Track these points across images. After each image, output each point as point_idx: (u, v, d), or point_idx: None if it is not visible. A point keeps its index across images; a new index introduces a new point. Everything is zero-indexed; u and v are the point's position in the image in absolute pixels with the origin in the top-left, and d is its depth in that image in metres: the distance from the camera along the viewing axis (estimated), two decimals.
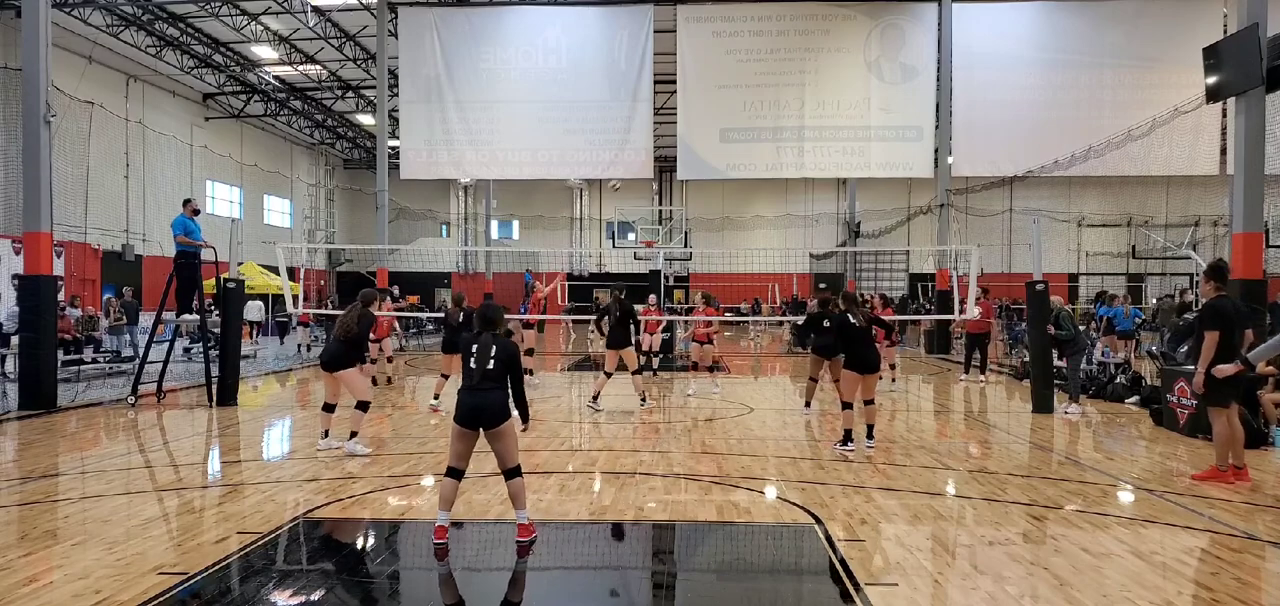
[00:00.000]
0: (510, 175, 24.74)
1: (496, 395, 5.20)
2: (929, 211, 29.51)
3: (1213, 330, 6.87)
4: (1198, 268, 24.85)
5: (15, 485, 6.90)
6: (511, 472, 5.30)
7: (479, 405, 5.16)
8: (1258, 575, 4.92)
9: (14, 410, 11.11)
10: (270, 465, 7.93)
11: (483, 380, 5.19)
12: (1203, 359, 6.89)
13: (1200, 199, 34.09)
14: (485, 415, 5.16)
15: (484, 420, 5.17)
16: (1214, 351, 6.84)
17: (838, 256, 39.04)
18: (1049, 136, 21.62)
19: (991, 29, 21.69)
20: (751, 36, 21.92)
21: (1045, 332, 11.30)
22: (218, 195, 31.62)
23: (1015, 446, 8.98)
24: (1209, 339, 6.87)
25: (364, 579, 4.93)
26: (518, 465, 5.33)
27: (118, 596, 4.30)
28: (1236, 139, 12.12)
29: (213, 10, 22.09)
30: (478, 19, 22.37)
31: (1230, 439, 6.97)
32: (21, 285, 12.45)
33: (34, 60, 11.68)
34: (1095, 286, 31.66)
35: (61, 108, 19.34)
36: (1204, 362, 6.87)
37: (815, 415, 11.00)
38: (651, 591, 4.89)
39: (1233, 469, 7.00)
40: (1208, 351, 6.85)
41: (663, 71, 23.22)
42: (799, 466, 7.72)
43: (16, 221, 16.32)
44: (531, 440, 8.64)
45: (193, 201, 12.54)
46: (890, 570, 4.81)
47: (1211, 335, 6.86)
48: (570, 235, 42.40)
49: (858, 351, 8.34)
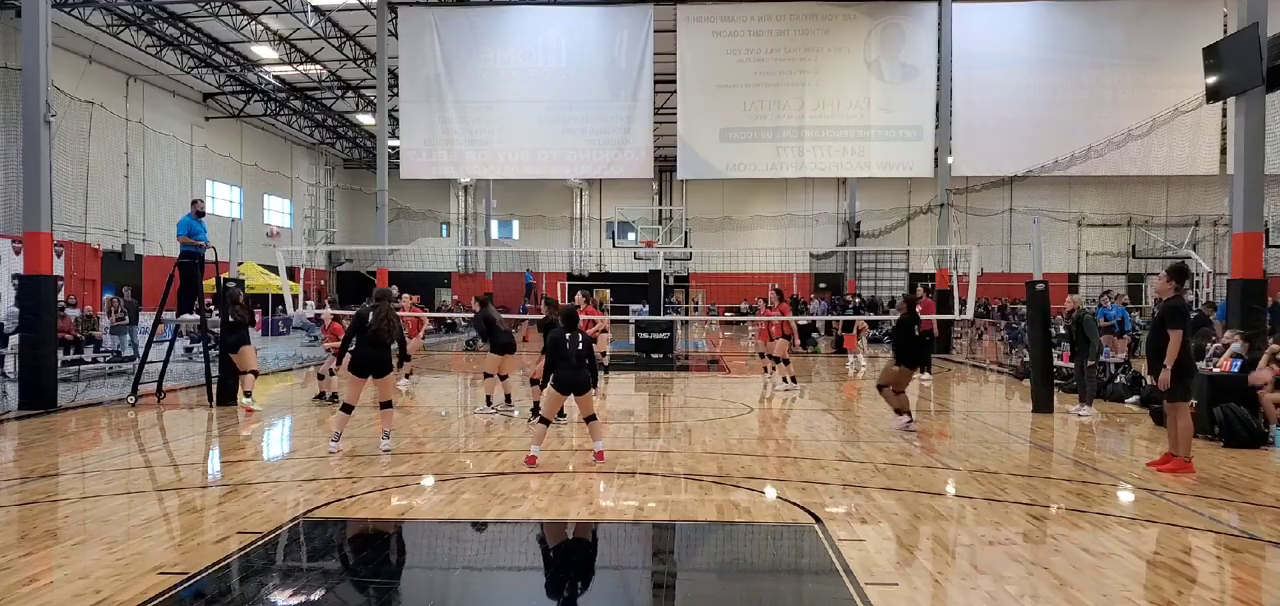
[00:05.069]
0: (510, 175, 24.77)
1: (585, 372, 7.51)
2: (929, 211, 29.51)
3: (1177, 328, 7.17)
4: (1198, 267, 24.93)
5: (15, 485, 6.90)
6: (592, 418, 7.74)
7: (577, 380, 7.44)
8: (1258, 575, 4.92)
9: (14, 410, 11.10)
10: (270, 465, 7.93)
11: (578, 361, 7.43)
12: (1169, 356, 7.19)
13: (1200, 199, 34.08)
14: (579, 385, 7.46)
15: (579, 388, 7.45)
16: (1179, 349, 7.14)
17: (838, 256, 39.02)
18: (1049, 136, 21.63)
19: (991, 29, 21.69)
20: (751, 36, 21.93)
21: (1046, 332, 11.28)
22: (218, 195, 31.61)
23: (1015, 446, 8.97)
24: (1174, 337, 7.16)
25: (364, 579, 4.93)
26: (594, 413, 7.76)
27: (118, 596, 4.30)
28: (1236, 139, 12.13)
29: (213, 10, 22.09)
30: (478, 19, 22.37)
31: (1190, 431, 7.49)
32: (21, 285, 12.45)
33: (34, 60, 11.68)
34: (1095, 286, 31.66)
35: (61, 108, 19.36)
36: (1171, 360, 7.17)
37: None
38: (651, 591, 4.89)
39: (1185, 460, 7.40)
40: (1173, 349, 7.16)
41: (663, 71, 23.22)
42: (799, 466, 7.72)
43: (16, 221, 16.34)
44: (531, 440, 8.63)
45: (200, 202, 12.57)
46: (890, 570, 4.81)
47: (1176, 333, 7.16)
48: (570, 235, 42.38)
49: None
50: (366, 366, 8.00)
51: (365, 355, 7.99)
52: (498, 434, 9.46)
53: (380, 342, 8.01)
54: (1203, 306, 16.68)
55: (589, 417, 7.75)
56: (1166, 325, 7.24)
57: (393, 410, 8.33)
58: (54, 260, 12.96)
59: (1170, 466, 7.39)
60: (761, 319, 15.78)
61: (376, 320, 8.01)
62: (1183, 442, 7.37)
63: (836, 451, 8.46)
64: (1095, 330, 11.34)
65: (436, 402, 12.54)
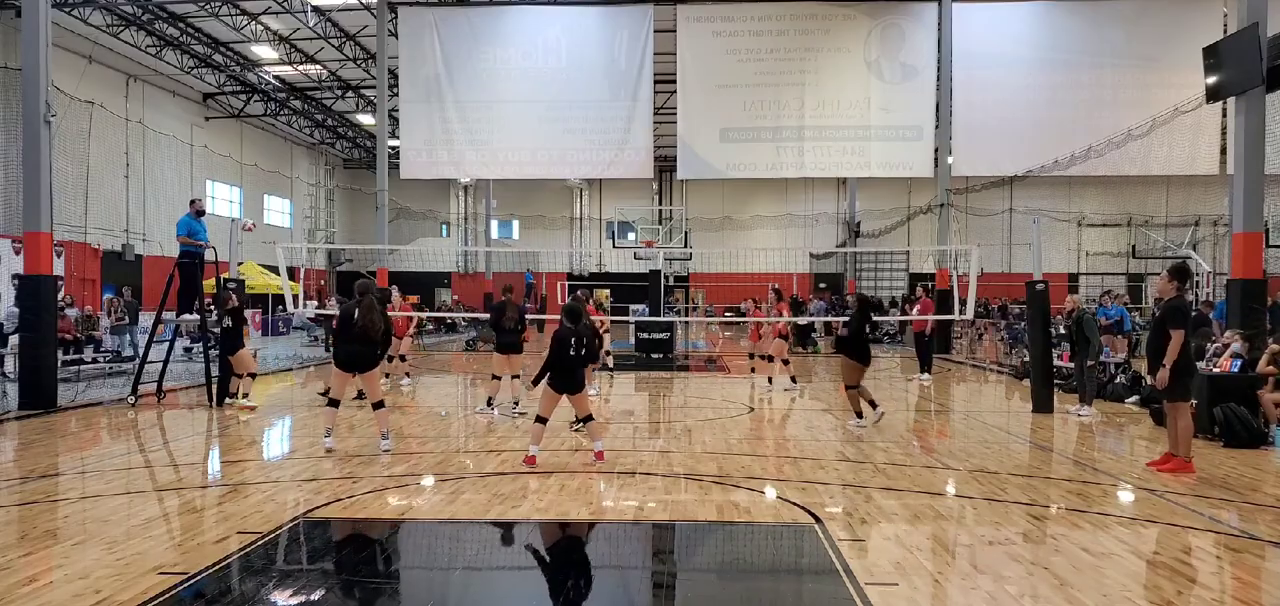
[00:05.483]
0: (510, 175, 24.76)
1: (582, 374, 7.56)
2: (929, 211, 29.50)
3: (1178, 328, 7.16)
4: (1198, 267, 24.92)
5: (15, 485, 6.90)
6: (588, 419, 7.74)
7: (573, 381, 7.47)
8: (1258, 575, 4.92)
9: (14, 410, 11.10)
10: (270, 465, 7.93)
11: (578, 364, 7.48)
12: (1169, 356, 7.18)
13: (1200, 199, 34.07)
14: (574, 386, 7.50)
15: (573, 389, 7.50)
16: (1179, 349, 7.14)
17: (838, 256, 39.01)
18: (1049, 136, 21.63)
19: (991, 29, 21.69)
20: (751, 36, 21.92)
21: (1046, 332, 11.28)
22: (218, 195, 31.62)
23: (1015, 446, 8.97)
24: (1176, 337, 7.15)
25: (364, 579, 4.92)
26: (591, 414, 7.78)
27: (118, 596, 4.30)
28: (1236, 139, 12.12)
29: (213, 10, 22.09)
30: (478, 19, 22.37)
31: (1190, 431, 7.49)
32: (21, 285, 12.44)
33: (34, 60, 11.67)
34: (1095, 286, 31.65)
35: (61, 108, 19.35)
36: (1171, 359, 7.17)
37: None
38: (651, 591, 4.89)
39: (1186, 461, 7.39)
40: (1174, 349, 7.16)
41: (663, 71, 23.21)
42: (799, 466, 7.72)
43: (16, 221, 16.33)
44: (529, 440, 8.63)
45: (198, 201, 12.51)
46: (890, 570, 4.81)
47: (1177, 332, 7.15)
48: (570, 235, 42.38)
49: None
50: (351, 362, 8.00)
51: (350, 351, 7.97)
52: (498, 434, 9.46)
53: (366, 339, 7.95)
54: (1201, 305, 16.69)
55: (586, 418, 7.77)
56: (1167, 325, 7.25)
57: (386, 410, 8.30)
58: (54, 260, 12.96)
59: (1170, 466, 7.40)
60: (750, 320, 15.85)
61: (361, 316, 7.96)
62: (1183, 442, 7.38)
63: (836, 451, 8.46)
64: (1095, 330, 11.34)
65: (436, 402, 12.54)
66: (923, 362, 15.69)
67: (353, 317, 7.96)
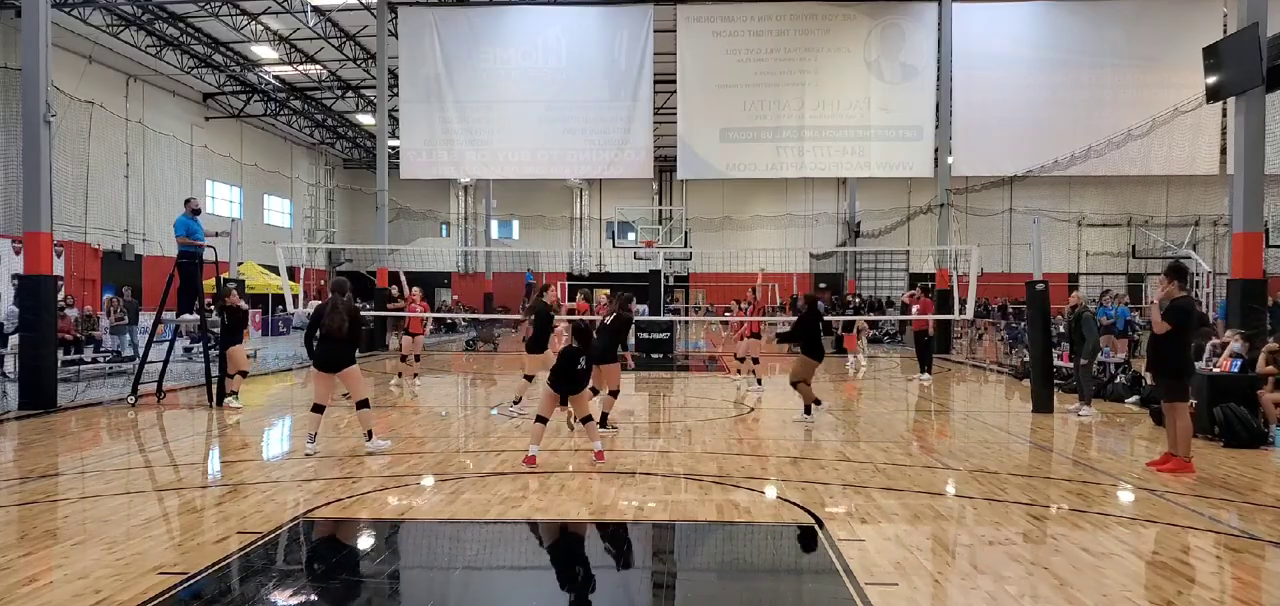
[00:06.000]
0: (510, 175, 24.75)
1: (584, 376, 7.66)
2: (929, 211, 29.50)
3: (1179, 326, 7.24)
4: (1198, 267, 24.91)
5: (15, 485, 6.90)
6: (587, 419, 7.80)
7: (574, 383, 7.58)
8: (1258, 575, 4.92)
9: (14, 410, 11.10)
10: (270, 465, 7.92)
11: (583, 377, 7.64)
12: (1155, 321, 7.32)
13: (1200, 199, 34.05)
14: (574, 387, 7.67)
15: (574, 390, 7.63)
16: (1176, 340, 7.24)
17: (838, 256, 39.00)
18: (1049, 136, 21.64)
19: (991, 29, 21.70)
20: (751, 36, 21.93)
21: (1046, 332, 11.27)
22: (218, 195, 31.62)
23: (1015, 446, 8.97)
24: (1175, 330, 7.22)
25: (364, 579, 4.93)
26: (590, 414, 7.83)
27: (118, 596, 4.30)
28: (1236, 139, 12.13)
29: (213, 10, 22.09)
30: (478, 19, 22.37)
31: (1189, 431, 7.49)
32: (21, 285, 12.44)
33: (34, 60, 11.67)
34: (1095, 286, 31.65)
35: (61, 108, 19.36)
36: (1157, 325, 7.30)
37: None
38: (651, 591, 4.89)
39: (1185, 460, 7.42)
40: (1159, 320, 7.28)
41: (663, 71, 23.21)
42: (799, 466, 7.72)
43: (16, 221, 16.33)
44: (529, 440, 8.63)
45: (193, 200, 12.46)
46: (890, 570, 4.81)
47: (1177, 331, 7.24)
48: (570, 235, 42.37)
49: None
50: (326, 362, 7.94)
51: (323, 351, 7.92)
52: (498, 433, 9.46)
53: (336, 337, 7.89)
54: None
55: (585, 418, 7.79)
56: (1167, 319, 7.27)
57: (369, 410, 8.23)
58: (54, 260, 12.96)
59: (1170, 466, 7.40)
60: (735, 319, 15.92)
61: (327, 316, 7.89)
62: (1182, 442, 7.38)
63: (836, 451, 8.47)
64: (1094, 328, 11.35)
65: (437, 402, 12.54)
66: (923, 362, 15.71)
67: (322, 317, 7.95)
